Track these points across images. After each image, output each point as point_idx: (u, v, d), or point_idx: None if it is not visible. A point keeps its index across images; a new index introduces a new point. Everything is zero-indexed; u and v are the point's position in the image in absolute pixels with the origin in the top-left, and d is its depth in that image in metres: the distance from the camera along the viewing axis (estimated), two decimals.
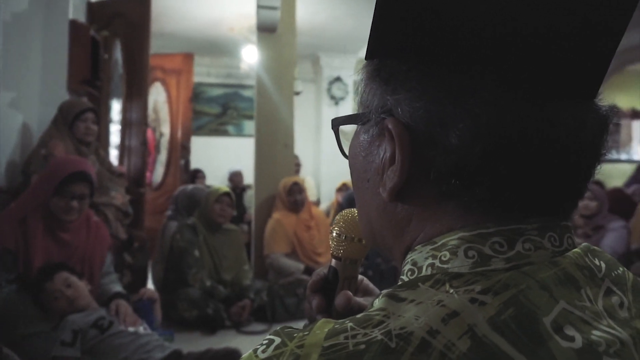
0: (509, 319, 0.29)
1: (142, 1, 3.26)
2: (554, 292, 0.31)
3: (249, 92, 6.48)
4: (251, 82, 6.32)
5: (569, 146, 0.33)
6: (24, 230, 1.89)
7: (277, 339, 0.33)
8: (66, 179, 1.93)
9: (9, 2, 2.32)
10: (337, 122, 0.46)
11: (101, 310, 1.88)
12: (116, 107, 3.53)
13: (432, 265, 0.35)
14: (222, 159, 6.15)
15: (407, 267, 0.38)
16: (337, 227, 0.55)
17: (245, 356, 0.34)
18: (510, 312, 0.29)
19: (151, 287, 2.92)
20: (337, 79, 6.24)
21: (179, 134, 5.04)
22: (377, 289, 0.59)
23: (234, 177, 5.60)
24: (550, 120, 0.33)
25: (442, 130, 0.33)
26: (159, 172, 4.91)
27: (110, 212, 2.46)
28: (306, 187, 3.69)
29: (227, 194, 3.05)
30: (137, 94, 3.43)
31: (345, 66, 6.28)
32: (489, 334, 0.28)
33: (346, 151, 0.47)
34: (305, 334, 0.32)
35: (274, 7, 3.57)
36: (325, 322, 0.33)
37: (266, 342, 0.34)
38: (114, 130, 3.51)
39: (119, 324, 1.83)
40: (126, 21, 3.40)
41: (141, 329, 1.86)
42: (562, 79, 0.34)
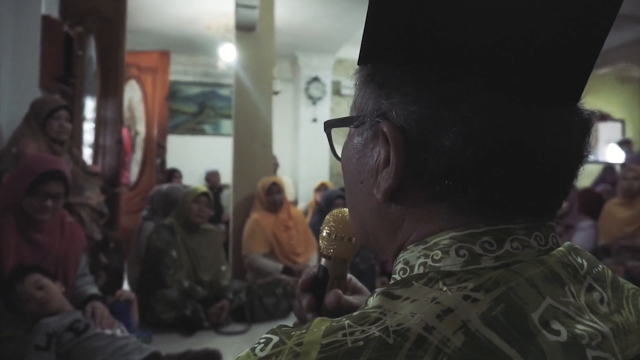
0: (499, 315, 0.30)
1: None
2: (540, 289, 0.33)
3: (226, 91, 6.43)
4: (229, 81, 6.27)
5: (555, 149, 0.35)
6: None
7: (275, 338, 0.34)
8: (40, 177, 1.88)
9: None
10: (329, 124, 0.46)
11: (76, 312, 1.84)
12: (90, 104, 3.44)
13: (424, 264, 0.36)
14: (199, 158, 6.09)
15: (399, 266, 0.39)
16: (328, 227, 0.56)
17: (242, 355, 0.34)
18: (500, 308, 0.31)
19: (127, 288, 2.87)
20: (315, 79, 6.25)
21: (155, 132, 4.96)
22: (365, 288, 0.60)
23: (211, 177, 5.55)
24: (538, 124, 0.34)
25: (436, 133, 0.34)
26: (134, 172, 4.82)
27: (85, 213, 2.40)
28: (284, 186, 3.69)
29: (205, 194, 3.02)
30: (112, 92, 3.36)
31: (323, 66, 6.30)
32: (481, 329, 0.30)
33: (339, 153, 0.48)
34: (303, 332, 0.33)
35: (253, 6, 3.56)
36: (321, 321, 0.34)
37: (263, 340, 0.34)
38: (88, 128, 3.43)
39: (95, 326, 1.79)
40: (101, 17, 3.32)
41: (118, 332, 1.83)
42: (548, 84, 0.35)
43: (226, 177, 5.51)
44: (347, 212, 0.56)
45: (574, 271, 0.36)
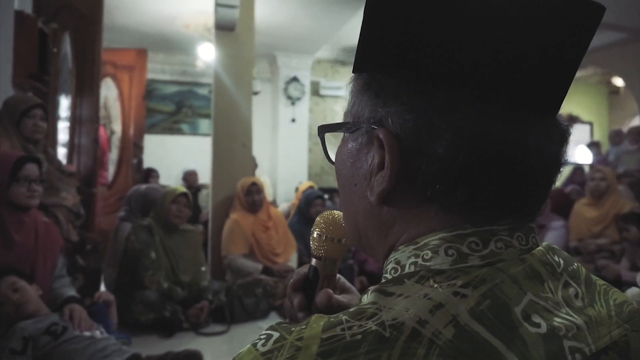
0: (486, 309, 0.33)
1: None
2: (522, 285, 0.36)
3: (204, 91, 6.36)
4: (207, 80, 6.21)
5: (537, 155, 0.38)
6: None
7: (276, 334, 0.35)
8: (17, 163, 1.86)
9: None
10: (324, 129, 0.48)
11: (53, 315, 1.80)
12: (64, 103, 3.36)
13: (415, 263, 0.39)
14: (176, 158, 6.01)
15: (390, 266, 0.41)
16: (318, 229, 0.57)
17: (244, 351, 0.36)
18: (487, 303, 0.34)
19: (103, 290, 2.82)
20: (294, 79, 6.26)
21: (132, 132, 4.87)
22: (353, 287, 0.63)
23: (189, 177, 5.49)
24: (522, 132, 0.37)
25: (430, 140, 0.37)
26: (109, 172, 4.73)
27: (61, 214, 2.35)
28: (263, 187, 3.68)
29: (184, 194, 2.99)
30: (88, 90, 3.29)
31: (302, 66, 6.31)
32: (470, 322, 0.32)
33: (332, 157, 0.50)
34: (302, 327, 0.35)
35: (233, 6, 3.54)
36: (319, 317, 0.35)
37: (264, 336, 0.36)
38: (62, 127, 3.35)
39: (73, 329, 1.76)
40: (76, 13, 3.25)
41: (97, 334, 1.80)
42: (532, 96, 0.38)
43: (204, 177, 5.46)
44: (337, 213, 0.58)
45: (552, 269, 0.39)
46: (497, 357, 0.31)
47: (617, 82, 7.55)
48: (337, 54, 6.52)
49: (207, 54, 5.15)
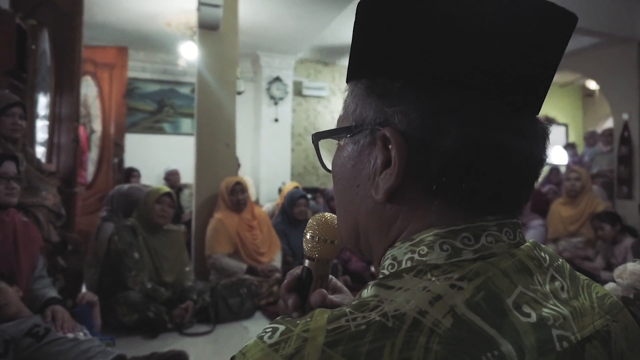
0: (480, 300, 0.36)
1: None
2: (513, 278, 0.38)
3: (186, 90, 6.30)
4: (189, 79, 6.15)
5: (526, 152, 0.42)
6: None
7: (281, 327, 0.37)
8: None
9: None
10: (320, 136, 0.49)
11: (35, 317, 1.77)
12: (42, 101, 3.29)
13: (411, 259, 0.41)
14: (158, 157, 5.94)
15: (387, 262, 0.44)
16: (311, 230, 0.59)
17: (250, 344, 0.37)
18: (481, 295, 0.36)
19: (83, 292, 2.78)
20: (277, 79, 6.25)
21: (112, 131, 4.80)
22: (345, 287, 0.64)
23: (170, 176, 5.44)
24: (515, 129, 0.41)
25: (436, 137, 0.39)
26: (89, 171, 4.64)
27: (41, 214, 2.31)
28: (247, 186, 3.68)
29: (168, 194, 2.97)
30: (67, 88, 3.23)
31: (284, 66, 6.31)
32: (466, 312, 0.35)
33: (326, 164, 0.51)
34: (307, 320, 0.36)
35: (217, 5, 3.53)
36: (322, 311, 0.37)
37: (270, 330, 0.37)
38: (40, 126, 3.28)
39: (56, 330, 1.73)
40: (55, 9, 3.19)
41: (81, 335, 1.78)
42: (522, 97, 0.42)
43: (186, 177, 5.41)
44: (328, 215, 0.60)
45: (539, 263, 0.42)
46: (492, 344, 0.33)
47: (591, 85, 7.78)
48: (320, 54, 6.54)
49: (189, 53, 5.11)
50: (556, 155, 6.68)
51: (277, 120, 6.27)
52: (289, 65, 6.33)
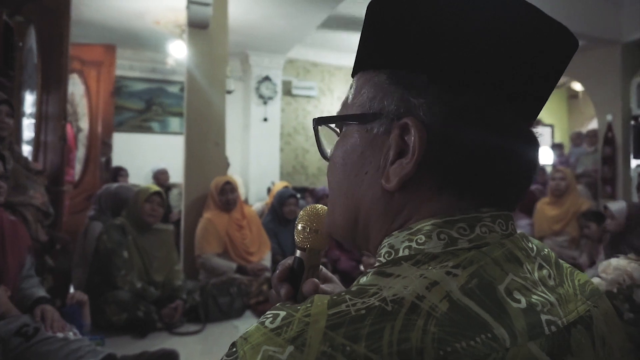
0: (474, 287, 0.38)
1: None
2: (504, 267, 0.41)
3: (174, 88, 6.27)
4: (177, 78, 6.12)
5: (528, 156, 0.45)
6: None
7: (282, 312, 0.38)
8: None
9: None
10: (324, 121, 0.52)
11: (24, 316, 1.76)
12: (29, 99, 3.25)
13: (409, 247, 0.43)
14: (146, 156, 5.89)
15: (384, 250, 0.45)
16: (303, 221, 0.60)
17: (251, 329, 0.38)
18: (475, 281, 0.38)
19: (72, 291, 2.75)
20: (266, 78, 6.25)
21: (99, 129, 4.75)
22: (334, 277, 0.66)
23: (159, 175, 5.40)
24: (520, 132, 0.45)
25: (456, 133, 0.42)
26: (76, 170, 4.59)
27: (28, 213, 2.28)
28: (237, 186, 3.68)
29: (157, 193, 2.96)
30: (54, 86, 3.19)
31: (274, 66, 6.31)
32: (461, 297, 0.37)
33: (325, 152, 0.53)
34: (308, 305, 0.38)
35: (206, 4, 3.52)
36: (321, 297, 0.39)
37: (271, 315, 0.38)
38: (27, 124, 3.24)
39: (45, 330, 1.72)
40: (42, 6, 3.15)
41: (71, 334, 1.77)
42: (528, 105, 0.46)
43: (174, 176, 5.38)
44: (319, 207, 0.61)
45: (527, 253, 0.44)
46: (486, 327, 0.35)
47: (576, 87, 7.92)
48: (309, 54, 6.55)
49: (178, 52, 5.08)
50: (542, 155, 6.80)
51: (266, 119, 6.27)
52: (278, 64, 6.34)
